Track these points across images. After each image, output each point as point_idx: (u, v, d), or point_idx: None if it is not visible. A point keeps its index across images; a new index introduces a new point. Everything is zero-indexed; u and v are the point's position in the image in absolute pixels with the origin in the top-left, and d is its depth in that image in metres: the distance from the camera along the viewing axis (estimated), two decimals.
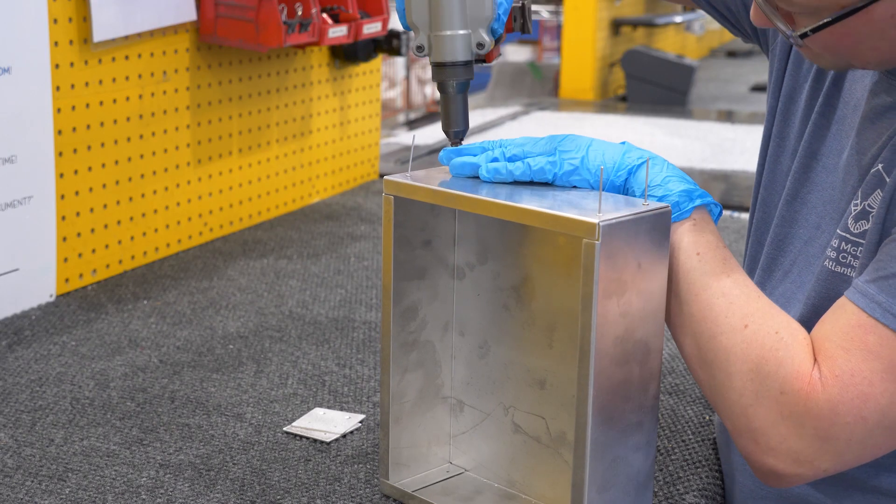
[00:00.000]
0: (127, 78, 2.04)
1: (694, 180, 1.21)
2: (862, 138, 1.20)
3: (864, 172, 1.18)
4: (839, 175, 1.23)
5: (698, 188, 1.16)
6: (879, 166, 1.15)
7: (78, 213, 1.98)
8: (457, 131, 1.26)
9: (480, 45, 1.25)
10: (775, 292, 1.28)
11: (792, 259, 1.28)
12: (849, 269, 1.17)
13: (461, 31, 1.23)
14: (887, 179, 1.13)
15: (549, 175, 1.16)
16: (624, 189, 1.16)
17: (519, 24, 1.41)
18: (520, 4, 1.37)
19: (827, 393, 1.06)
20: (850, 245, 1.17)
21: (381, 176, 2.88)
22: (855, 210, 1.17)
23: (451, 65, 1.23)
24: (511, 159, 1.18)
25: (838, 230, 1.18)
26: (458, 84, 1.25)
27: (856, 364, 1.06)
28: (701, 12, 6.59)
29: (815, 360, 1.08)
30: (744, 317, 1.10)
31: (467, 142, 1.27)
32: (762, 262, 1.33)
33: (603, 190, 1.14)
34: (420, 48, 1.25)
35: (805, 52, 1.15)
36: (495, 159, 1.18)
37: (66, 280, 1.96)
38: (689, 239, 1.13)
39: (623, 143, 1.19)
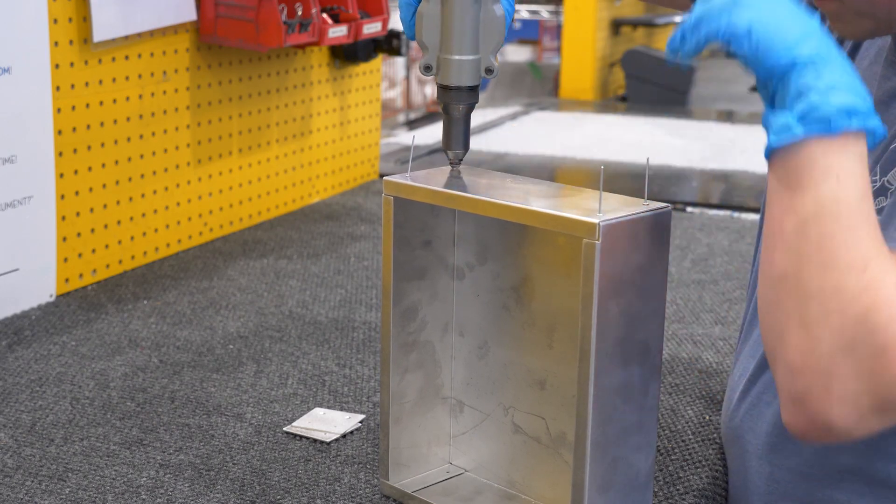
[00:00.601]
0: (127, 78, 2.04)
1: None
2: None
3: (882, 151, 1.17)
4: None
5: (864, 107, 1.00)
6: None
7: (78, 213, 1.98)
8: (456, 153, 1.25)
9: (489, 71, 1.24)
10: None
11: None
12: None
13: (471, 56, 1.23)
14: None
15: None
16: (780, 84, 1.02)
17: None
18: None
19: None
20: None
21: (381, 176, 2.88)
22: (874, 186, 1.15)
23: (456, 89, 1.23)
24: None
25: None
26: (462, 107, 1.24)
27: None
28: None
29: None
30: (866, 258, 0.98)
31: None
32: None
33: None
34: (428, 68, 1.25)
35: (839, 12, 1.11)
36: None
37: (66, 280, 1.96)
38: (832, 161, 0.98)
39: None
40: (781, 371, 1.01)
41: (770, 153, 1.01)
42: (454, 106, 1.23)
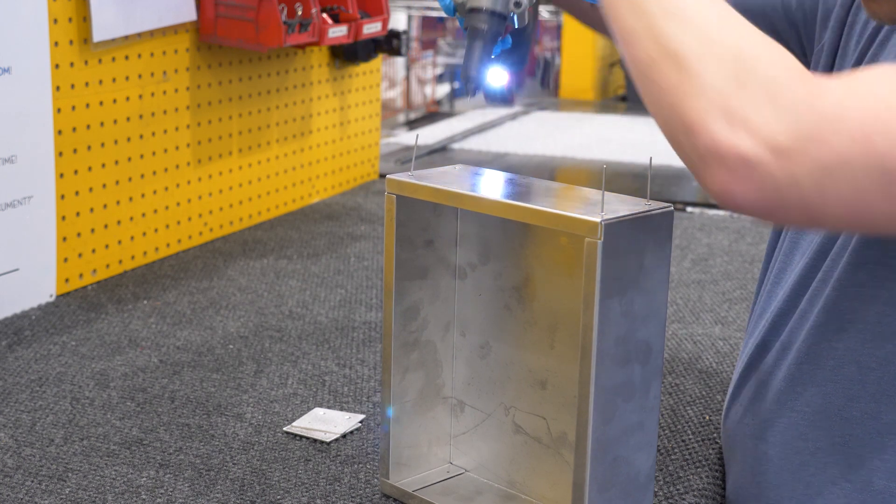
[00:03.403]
0: (127, 78, 2.04)
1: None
2: None
3: None
4: None
5: None
6: None
7: (78, 213, 1.98)
8: (467, 77, 1.19)
9: (518, 4, 1.21)
10: (781, 282, 1.29)
11: (809, 240, 1.27)
12: None
13: None
14: None
15: None
16: None
17: (542, 76, 1.41)
18: (545, 62, 1.37)
19: (835, 94, 0.89)
20: None
21: (382, 176, 2.88)
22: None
23: (483, 11, 1.18)
24: None
25: None
26: (486, 31, 1.18)
27: (875, 85, 0.90)
28: None
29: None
30: (720, 10, 0.94)
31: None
32: (784, 246, 1.32)
33: None
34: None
35: None
36: None
37: (66, 280, 1.96)
38: None
39: None
40: (685, 137, 0.92)
41: None
42: (479, 28, 1.19)
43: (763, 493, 1.28)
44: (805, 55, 1.40)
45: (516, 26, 1.25)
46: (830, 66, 1.33)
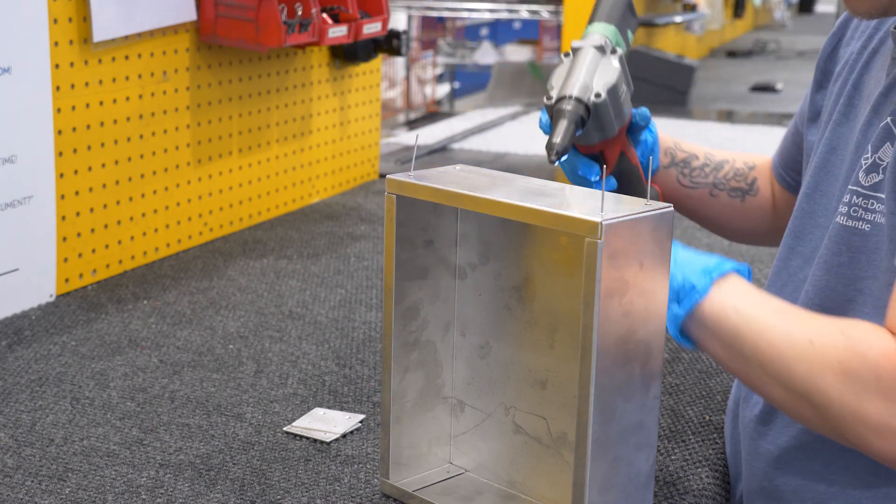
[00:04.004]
0: (127, 78, 2.04)
1: None
2: (876, 112, 1.21)
3: (873, 131, 1.20)
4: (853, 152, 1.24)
5: (713, 264, 1.16)
6: (888, 119, 1.18)
7: (78, 213, 1.98)
8: (550, 146, 1.27)
9: (597, 95, 1.31)
10: (795, 279, 1.29)
11: (812, 247, 1.28)
12: (861, 223, 1.19)
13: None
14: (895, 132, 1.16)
15: None
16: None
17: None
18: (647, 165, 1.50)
19: None
20: (861, 199, 1.19)
21: (382, 176, 2.88)
22: (866, 164, 1.19)
23: (566, 98, 1.29)
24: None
25: (849, 185, 1.21)
26: (568, 111, 1.28)
27: None
28: (702, 12, 6.57)
29: (894, 335, 1.08)
30: (804, 337, 1.10)
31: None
32: (780, 251, 1.34)
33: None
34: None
35: None
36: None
37: (66, 280, 1.96)
38: (724, 303, 1.14)
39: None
40: (861, 448, 1.11)
41: (679, 336, 1.17)
42: (562, 109, 1.28)
43: (783, 496, 1.28)
44: None
45: (593, 118, 1.33)
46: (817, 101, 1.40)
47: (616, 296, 1.07)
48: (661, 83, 5.13)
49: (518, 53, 7.40)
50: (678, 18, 6.10)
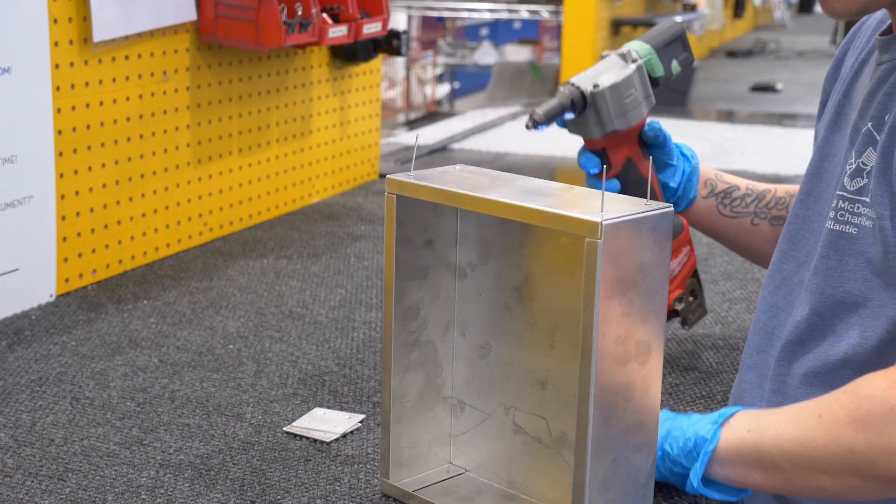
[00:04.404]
0: (127, 78, 2.04)
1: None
2: (861, 117, 1.24)
3: (857, 136, 1.23)
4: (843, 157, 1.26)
5: (709, 418, 1.20)
6: (869, 125, 1.20)
7: (78, 213, 1.98)
8: (532, 116, 1.36)
9: (595, 86, 1.41)
10: (788, 282, 1.30)
11: (806, 251, 1.29)
12: (848, 227, 1.21)
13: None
14: (878, 137, 1.18)
15: None
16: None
17: (686, 316, 1.64)
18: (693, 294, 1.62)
19: None
20: (847, 203, 1.21)
21: (382, 176, 2.88)
22: (850, 169, 1.22)
23: (567, 83, 1.41)
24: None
25: (836, 191, 1.23)
26: (564, 94, 1.40)
27: None
28: (702, 12, 6.56)
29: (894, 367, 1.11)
30: (813, 415, 1.12)
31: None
32: (774, 256, 1.35)
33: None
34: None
35: None
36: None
37: (66, 280, 1.96)
38: (737, 432, 1.17)
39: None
40: None
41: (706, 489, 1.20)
42: (560, 91, 1.40)
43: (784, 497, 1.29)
44: None
45: (589, 109, 1.41)
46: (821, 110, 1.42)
47: (616, 295, 1.07)
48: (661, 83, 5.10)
49: (518, 53, 7.40)
50: (678, 18, 6.10)
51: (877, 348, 1.18)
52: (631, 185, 1.46)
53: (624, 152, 1.44)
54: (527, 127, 1.31)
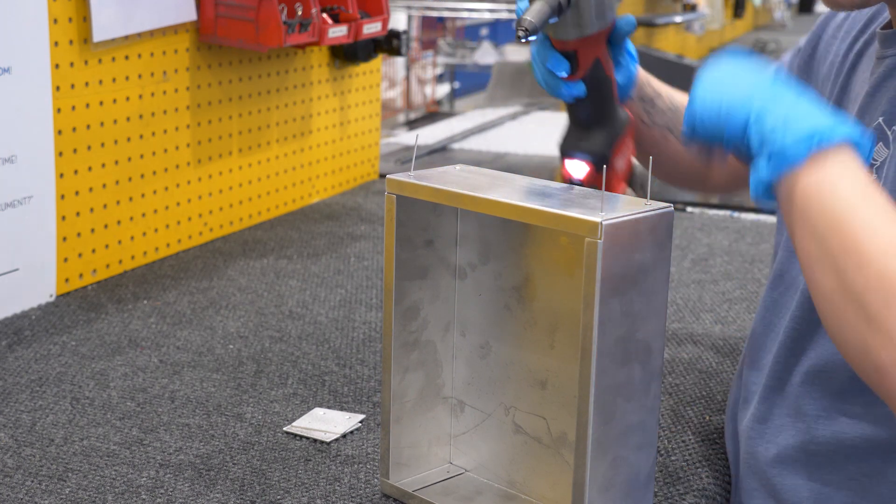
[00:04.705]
0: (127, 78, 2.04)
1: None
2: (864, 113, 1.22)
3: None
4: None
5: (825, 125, 1.04)
6: (880, 119, 1.18)
7: (78, 213, 1.98)
8: (520, 21, 1.21)
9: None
10: (797, 282, 1.29)
11: None
12: None
13: None
14: (888, 131, 1.15)
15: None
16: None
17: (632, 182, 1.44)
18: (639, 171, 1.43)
19: None
20: None
21: (382, 176, 2.88)
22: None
23: None
24: None
25: None
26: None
27: None
28: (702, 12, 6.54)
29: None
30: (893, 240, 0.99)
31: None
32: (780, 255, 1.34)
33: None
34: None
35: None
36: None
37: (66, 280, 1.96)
38: (817, 177, 1.02)
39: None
40: (877, 378, 1.00)
41: (763, 196, 1.07)
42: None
43: (781, 495, 1.28)
44: None
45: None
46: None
47: (616, 295, 1.07)
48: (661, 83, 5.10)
49: (518, 53, 7.39)
50: (678, 18, 6.10)
51: None
52: (594, 85, 1.38)
53: (594, 52, 1.37)
54: (519, 39, 1.21)
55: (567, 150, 1.32)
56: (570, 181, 1.30)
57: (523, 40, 1.21)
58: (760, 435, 1.31)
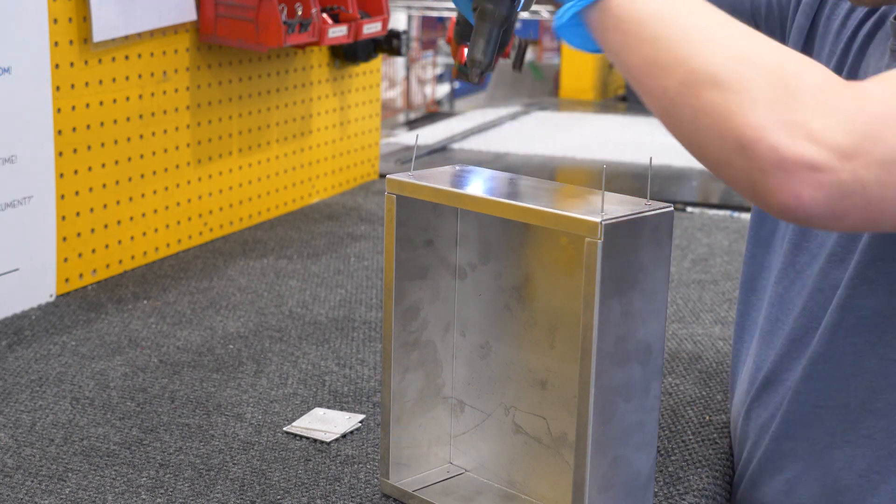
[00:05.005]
0: (127, 78, 2.04)
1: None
2: None
3: None
4: None
5: None
6: None
7: (78, 213, 1.98)
8: (474, 60, 1.17)
9: None
10: (802, 275, 1.29)
11: (819, 242, 1.28)
12: None
13: None
14: None
15: None
16: None
17: (514, 58, 1.41)
18: (520, 43, 1.36)
19: (879, 94, 0.92)
20: None
21: (382, 176, 2.88)
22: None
23: None
24: None
25: None
26: (495, 12, 1.16)
27: None
28: None
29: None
30: (743, 29, 0.95)
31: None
32: (785, 247, 1.33)
33: None
34: None
35: None
36: None
37: (66, 280, 1.96)
38: None
39: None
40: (741, 158, 0.91)
41: (568, 24, 1.02)
42: (487, 9, 1.17)
43: (792, 489, 1.28)
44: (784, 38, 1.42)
45: (520, 9, 1.24)
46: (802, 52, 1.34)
47: (616, 296, 1.07)
48: None
49: None
50: None
51: None
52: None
53: None
54: (477, 82, 1.20)
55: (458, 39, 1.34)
56: (462, 64, 1.31)
57: (476, 81, 1.20)
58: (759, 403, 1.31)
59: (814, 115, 0.89)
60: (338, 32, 2.32)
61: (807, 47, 1.35)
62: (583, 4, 1.00)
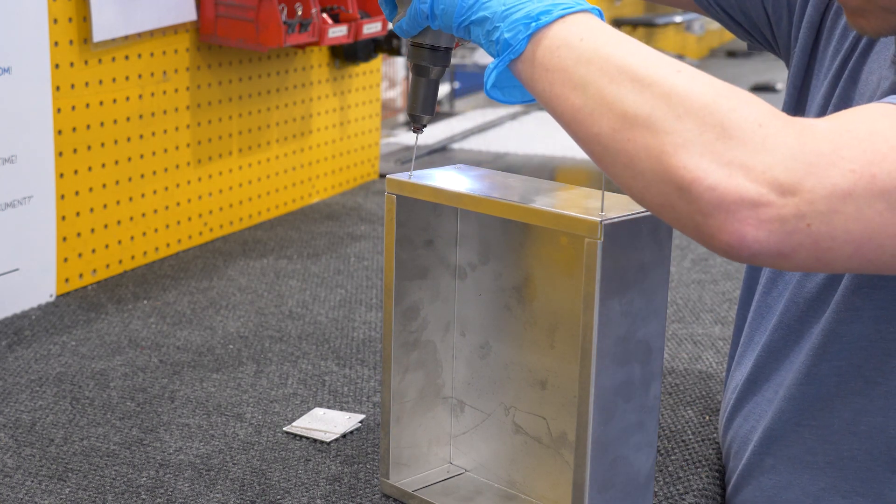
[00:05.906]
0: (127, 78, 2.04)
1: None
2: None
3: None
4: None
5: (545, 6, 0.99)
6: None
7: (78, 213, 1.98)
8: (420, 116, 1.20)
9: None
10: (793, 278, 1.29)
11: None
12: None
13: None
14: None
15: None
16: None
17: None
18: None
19: (824, 131, 0.89)
20: None
21: (382, 176, 2.88)
22: None
23: (426, 47, 1.17)
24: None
25: None
26: (437, 70, 1.19)
27: (867, 122, 0.90)
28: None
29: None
30: (672, 65, 0.93)
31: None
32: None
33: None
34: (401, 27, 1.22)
35: (863, 7, 1.10)
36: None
37: (66, 280, 1.96)
38: (562, 36, 0.97)
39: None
40: (680, 199, 0.89)
41: (499, 84, 1.02)
42: (430, 67, 1.18)
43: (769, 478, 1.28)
44: (772, 44, 1.41)
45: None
46: (805, 67, 1.34)
47: (616, 295, 1.07)
48: None
49: None
50: (678, 18, 6.10)
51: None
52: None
53: None
54: (418, 132, 1.22)
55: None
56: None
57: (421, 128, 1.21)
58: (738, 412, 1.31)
59: (752, 151, 0.87)
60: (338, 32, 2.32)
61: (815, 42, 1.35)
62: (505, 62, 0.99)
